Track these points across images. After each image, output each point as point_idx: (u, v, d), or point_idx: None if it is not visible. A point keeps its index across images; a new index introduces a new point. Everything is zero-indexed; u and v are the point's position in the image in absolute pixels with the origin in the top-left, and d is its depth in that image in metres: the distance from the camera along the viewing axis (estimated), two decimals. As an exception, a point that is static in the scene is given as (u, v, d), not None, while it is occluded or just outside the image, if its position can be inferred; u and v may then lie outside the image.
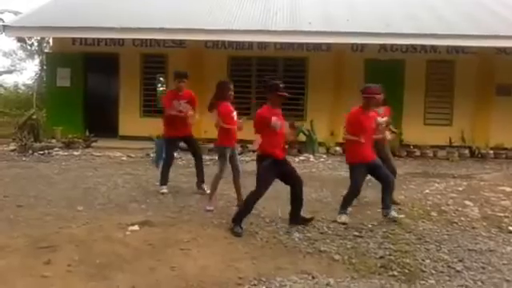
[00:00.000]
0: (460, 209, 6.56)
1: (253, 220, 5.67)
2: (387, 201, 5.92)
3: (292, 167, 5.78)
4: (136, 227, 5.17)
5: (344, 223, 5.67)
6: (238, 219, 5.29)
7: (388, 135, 6.84)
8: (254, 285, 3.84)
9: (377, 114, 7.02)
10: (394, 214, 5.89)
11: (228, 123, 6.36)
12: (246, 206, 5.41)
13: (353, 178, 5.94)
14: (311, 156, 11.58)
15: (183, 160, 9.81)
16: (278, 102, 5.57)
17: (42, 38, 22.23)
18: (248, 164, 10.17)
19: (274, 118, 5.39)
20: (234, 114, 6.52)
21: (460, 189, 8.04)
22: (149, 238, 4.88)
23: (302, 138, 12.39)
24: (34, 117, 13.05)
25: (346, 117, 6.11)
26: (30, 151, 10.98)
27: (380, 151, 6.94)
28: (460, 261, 4.52)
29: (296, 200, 5.62)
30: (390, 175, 6.02)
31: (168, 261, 4.28)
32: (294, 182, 5.61)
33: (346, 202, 5.94)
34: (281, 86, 5.56)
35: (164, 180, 7.21)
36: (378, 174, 5.95)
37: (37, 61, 25.59)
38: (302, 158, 11.40)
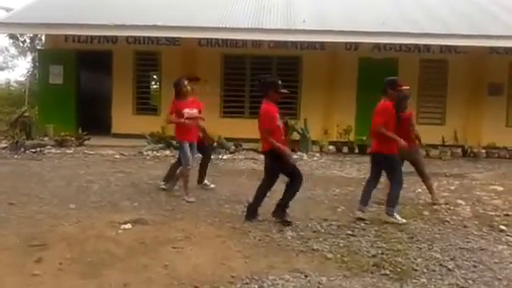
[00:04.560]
0: (452, 208, 6.59)
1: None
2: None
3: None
4: (128, 225, 5.14)
5: (360, 218, 5.64)
6: (250, 212, 5.57)
7: None
8: (247, 283, 3.83)
9: None
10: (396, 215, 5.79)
11: (178, 119, 6.65)
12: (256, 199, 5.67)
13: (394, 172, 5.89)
14: (304, 154, 11.58)
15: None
16: (276, 99, 5.63)
17: (35, 35, 22.10)
18: (241, 162, 10.18)
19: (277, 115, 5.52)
20: (186, 110, 6.66)
21: (452, 188, 8.07)
22: (141, 236, 4.86)
23: (296, 136, 12.40)
24: (26, 114, 12.97)
25: (378, 109, 5.92)
26: (22, 149, 10.90)
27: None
28: (452, 259, 4.53)
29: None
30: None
31: (160, 259, 4.26)
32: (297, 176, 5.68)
33: (394, 198, 5.84)
34: (279, 83, 5.64)
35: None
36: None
37: (29, 58, 25.46)
38: (295, 156, 11.38)
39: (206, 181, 7.41)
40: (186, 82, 6.74)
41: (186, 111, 6.62)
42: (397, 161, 5.92)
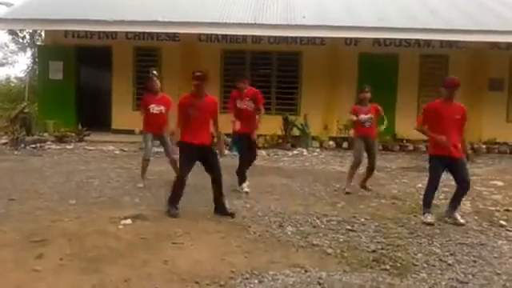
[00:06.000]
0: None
1: (245, 214, 5.68)
2: (455, 203, 5.70)
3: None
4: (129, 221, 5.15)
5: (429, 223, 5.46)
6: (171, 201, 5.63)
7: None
8: (247, 278, 3.84)
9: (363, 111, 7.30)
10: (457, 216, 5.65)
11: (144, 112, 7.18)
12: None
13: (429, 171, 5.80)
14: (305, 150, 11.59)
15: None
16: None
17: (34, 31, 22.03)
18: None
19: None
20: (153, 105, 7.10)
21: (452, 183, 7.95)
22: (141, 231, 4.87)
23: (296, 132, 12.40)
24: (26, 110, 12.96)
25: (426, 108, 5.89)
26: (22, 145, 10.91)
27: (369, 146, 7.23)
28: (451, 254, 4.54)
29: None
30: (467, 183, 5.69)
31: (160, 254, 4.27)
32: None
33: (425, 198, 5.75)
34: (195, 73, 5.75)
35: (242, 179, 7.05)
36: (454, 175, 5.73)
37: (29, 54, 25.36)
38: (295, 152, 11.41)
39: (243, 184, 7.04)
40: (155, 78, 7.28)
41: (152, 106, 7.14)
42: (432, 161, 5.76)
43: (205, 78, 5.66)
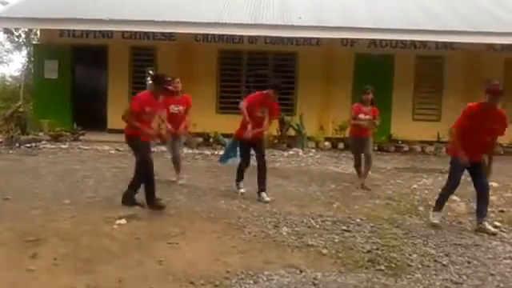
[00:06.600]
0: (447, 204, 6.59)
1: (241, 214, 5.67)
2: (481, 210, 5.49)
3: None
4: (123, 221, 5.14)
5: (433, 225, 5.46)
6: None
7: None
8: (242, 278, 3.84)
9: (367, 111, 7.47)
10: (487, 225, 5.41)
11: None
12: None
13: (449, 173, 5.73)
14: (300, 150, 11.60)
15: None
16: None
17: (30, 30, 21.91)
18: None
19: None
20: (172, 106, 7.27)
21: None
22: (136, 231, 4.85)
23: (292, 132, 12.40)
24: (21, 109, 12.91)
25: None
26: (17, 144, 10.86)
27: (364, 144, 7.49)
28: (446, 255, 4.56)
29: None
30: (486, 186, 5.58)
31: (155, 254, 4.26)
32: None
33: (438, 199, 5.71)
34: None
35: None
36: (473, 178, 5.65)
37: (24, 52, 25.26)
38: (291, 152, 11.41)
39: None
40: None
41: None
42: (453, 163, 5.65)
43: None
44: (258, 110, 6.58)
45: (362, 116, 7.52)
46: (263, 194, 6.46)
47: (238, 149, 7.04)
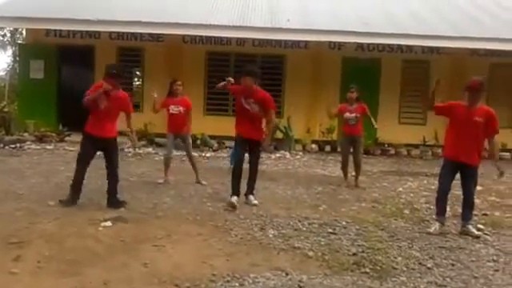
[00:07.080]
0: (432, 207, 6.65)
1: (228, 217, 5.67)
2: (466, 213, 5.52)
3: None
4: (109, 223, 5.10)
5: (429, 233, 5.36)
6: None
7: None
8: (228, 281, 3.83)
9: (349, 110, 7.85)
10: (471, 228, 5.44)
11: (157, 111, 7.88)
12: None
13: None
14: (287, 153, 11.63)
15: (160, 155, 9.71)
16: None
17: (15, 29, 21.70)
18: (224, 160, 10.15)
19: None
20: (172, 106, 7.64)
21: (433, 187, 8.14)
22: (122, 234, 4.82)
23: (279, 135, 12.43)
24: (6, 109, 12.77)
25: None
26: (1, 144, 10.74)
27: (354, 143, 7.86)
28: (431, 258, 4.59)
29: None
30: (471, 192, 5.56)
31: (141, 257, 4.23)
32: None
33: (435, 203, 5.67)
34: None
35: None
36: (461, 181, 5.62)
37: (9, 52, 25.01)
38: (278, 154, 11.44)
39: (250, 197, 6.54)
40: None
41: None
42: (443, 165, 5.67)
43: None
44: (244, 100, 6.31)
45: (347, 115, 7.92)
46: (251, 197, 6.43)
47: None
